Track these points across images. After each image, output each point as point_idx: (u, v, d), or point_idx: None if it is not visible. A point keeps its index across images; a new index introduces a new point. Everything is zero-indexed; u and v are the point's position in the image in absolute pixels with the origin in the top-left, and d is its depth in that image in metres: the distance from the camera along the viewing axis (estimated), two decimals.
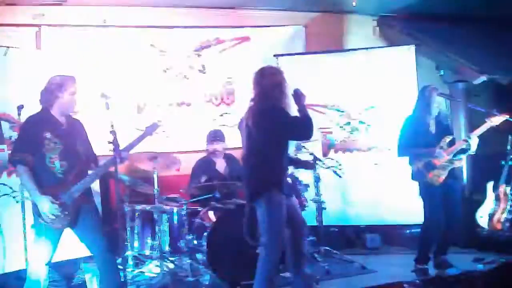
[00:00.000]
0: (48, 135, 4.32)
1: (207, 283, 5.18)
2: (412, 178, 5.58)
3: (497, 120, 5.40)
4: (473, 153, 5.55)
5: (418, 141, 5.44)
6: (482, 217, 6.16)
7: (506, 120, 5.44)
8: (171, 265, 5.59)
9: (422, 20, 6.69)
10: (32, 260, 4.40)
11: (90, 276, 5.31)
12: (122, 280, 4.53)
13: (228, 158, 6.34)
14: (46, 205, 4.20)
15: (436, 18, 6.55)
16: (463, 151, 5.47)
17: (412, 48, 6.50)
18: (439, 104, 5.57)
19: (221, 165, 6.28)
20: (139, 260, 5.80)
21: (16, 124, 5.13)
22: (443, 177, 5.40)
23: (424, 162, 5.44)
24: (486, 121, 5.41)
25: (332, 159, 6.72)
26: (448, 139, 5.47)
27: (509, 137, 6.09)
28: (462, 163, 5.58)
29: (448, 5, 6.49)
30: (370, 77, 6.64)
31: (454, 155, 5.44)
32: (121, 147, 4.37)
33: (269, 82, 4.26)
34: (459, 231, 5.79)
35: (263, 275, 4.13)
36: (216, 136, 6.25)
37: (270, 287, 4.14)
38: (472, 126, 6.25)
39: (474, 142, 5.42)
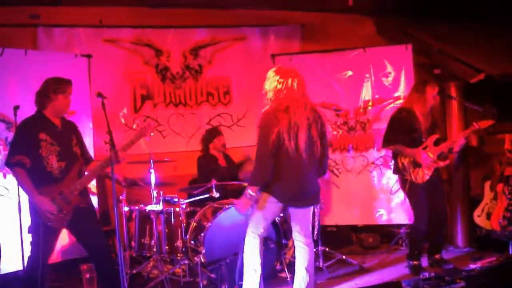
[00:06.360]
0: (43, 136, 4.32)
1: (204, 283, 5.16)
2: (394, 172, 5.65)
3: (483, 124, 5.36)
4: (456, 154, 5.68)
5: (408, 134, 5.40)
6: (479, 216, 6.17)
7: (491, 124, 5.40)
8: (169, 266, 5.58)
9: (419, 19, 6.68)
10: (29, 261, 4.39)
11: (88, 277, 5.30)
12: (119, 280, 4.52)
13: (226, 156, 6.36)
14: (44, 206, 4.21)
15: (433, 16, 6.55)
16: (449, 150, 5.50)
17: (409, 47, 6.48)
18: (434, 99, 5.48)
19: (222, 161, 6.31)
20: (137, 261, 5.79)
21: (12, 125, 5.11)
22: (428, 176, 5.39)
23: (409, 160, 5.43)
24: (474, 124, 5.40)
25: (329, 158, 6.70)
26: (435, 137, 5.45)
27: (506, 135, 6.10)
28: (447, 162, 5.54)
29: (446, 3, 6.49)
30: (367, 76, 6.63)
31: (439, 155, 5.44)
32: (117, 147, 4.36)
33: None
34: (446, 229, 5.90)
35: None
36: (218, 132, 6.44)
37: None
38: (467, 125, 6.23)
39: (458, 144, 5.43)
